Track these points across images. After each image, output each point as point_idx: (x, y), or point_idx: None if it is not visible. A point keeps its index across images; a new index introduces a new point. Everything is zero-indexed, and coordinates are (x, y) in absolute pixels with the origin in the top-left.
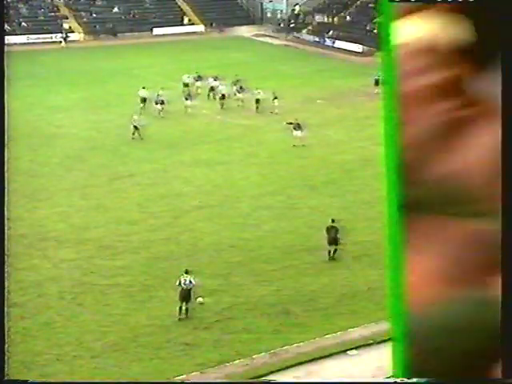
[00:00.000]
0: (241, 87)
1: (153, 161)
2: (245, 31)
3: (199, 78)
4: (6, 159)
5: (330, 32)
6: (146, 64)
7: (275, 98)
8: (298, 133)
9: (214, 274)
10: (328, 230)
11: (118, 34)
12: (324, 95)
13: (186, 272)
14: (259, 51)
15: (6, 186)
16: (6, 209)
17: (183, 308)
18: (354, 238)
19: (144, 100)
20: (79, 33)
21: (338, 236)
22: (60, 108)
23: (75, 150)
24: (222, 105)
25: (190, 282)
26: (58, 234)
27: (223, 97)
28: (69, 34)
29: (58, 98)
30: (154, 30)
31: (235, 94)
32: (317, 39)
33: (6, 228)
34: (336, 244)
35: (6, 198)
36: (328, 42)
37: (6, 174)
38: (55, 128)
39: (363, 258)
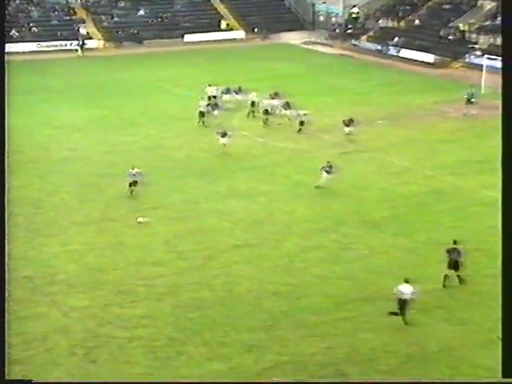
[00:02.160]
0: (287, 103)
1: (182, 191)
2: (293, 38)
3: (227, 91)
4: (6, 188)
5: (395, 39)
6: (175, 76)
7: (350, 121)
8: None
9: (254, 326)
10: (449, 252)
11: (144, 41)
12: (386, 114)
13: None
14: (309, 62)
15: (6, 218)
16: (6, 245)
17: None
18: (423, 287)
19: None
20: (98, 39)
21: (461, 260)
22: (74, 127)
23: (90, 178)
24: (266, 121)
25: None
26: (68, 276)
27: (266, 112)
28: (86, 41)
29: (71, 116)
30: (186, 36)
31: (280, 111)
32: (379, 47)
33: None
34: (457, 269)
35: (6, 233)
36: (392, 50)
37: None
38: (67, 151)
39: (435, 311)
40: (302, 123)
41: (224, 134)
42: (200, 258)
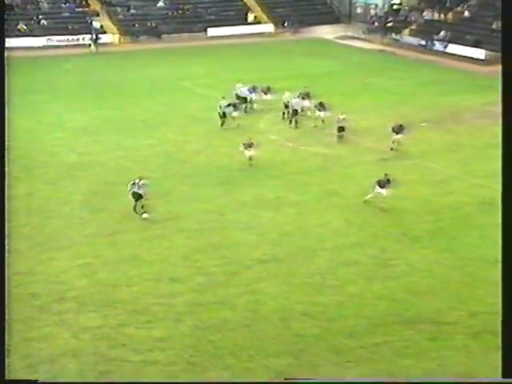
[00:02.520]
0: (321, 104)
1: (203, 200)
2: (327, 32)
3: (253, 90)
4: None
5: (441, 33)
6: (196, 74)
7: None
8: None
9: (281, 350)
10: None
11: (163, 36)
12: (430, 116)
13: None
14: (345, 58)
15: (5, 230)
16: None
17: None
18: (471, 309)
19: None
20: (113, 33)
21: None
22: (86, 130)
23: (104, 185)
24: (296, 123)
25: None
26: (79, 293)
27: (296, 113)
28: (100, 35)
29: (83, 117)
30: (209, 30)
31: (314, 112)
32: (423, 42)
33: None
34: None
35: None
36: (438, 45)
37: (5, 215)
38: (78, 155)
39: (484, 337)
40: (341, 129)
41: (250, 146)
42: (222, 274)
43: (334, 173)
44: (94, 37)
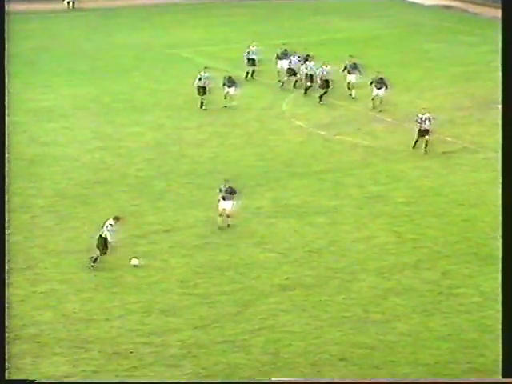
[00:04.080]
0: (381, 80)
1: (206, 206)
2: None
3: (284, 55)
4: None
5: None
6: (199, 40)
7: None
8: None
9: None
10: None
11: None
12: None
13: None
14: (397, 17)
15: None
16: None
17: None
18: None
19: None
20: None
21: None
22: (51, 113)
23: (75, 186)
24: (321, 97)
25: None
26: (40, 330)
27: (327, 84)
28: None
29: (50, 96)
30: None
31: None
32: None
33: None
34: None
35: None
36: None
37: None
38: (42, 147)
39: None
40: (425, 133)
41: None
42: (232, 304)
43: (380, 171)
44: None
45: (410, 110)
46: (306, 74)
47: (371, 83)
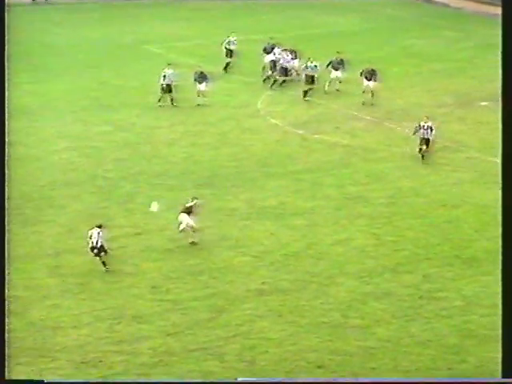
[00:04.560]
0: (373, 71)
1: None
2: None
3: (270, 49)
4: None
5: None
6: (171, 34)
7: None
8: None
9: None
10: None
11: None
12: (493, 93)
13: None
14: (376, 13)
15: None
16: None
17: None
18: None
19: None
20: None
21: None
22: (15, 111)
23: (40, 189)
24: (305, 93)
25: None
26: (6, 338)
27: (312, 80)
28: None
29: (11, 93)
30: None
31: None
32: None
33: None
34: None
35: None
36: None
37: None
38: (6, 146)
39: None
40: (426, 142)
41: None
42: (205, 310)
43: (359, 171)
44: None
45: (390, 108)
46: (281, 66)
47: (361, 74)
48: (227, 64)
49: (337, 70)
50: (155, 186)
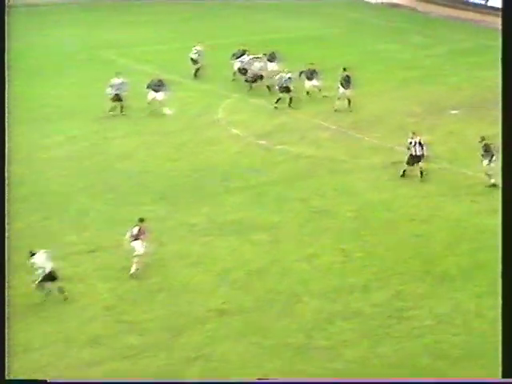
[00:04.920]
0: (348, 78)
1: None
2: None
3: (240, 54)
4: None
5: None
6: (125, 40)
7: None
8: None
9: None
10: None
11: None
12: (463, 101)
13: None
14: (340, 16)
15: None
16: None
17: None
18: None
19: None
20: None
21: None
22: None
23: None
24: (277, 100)
25: None
26: None
27: (287, 90)
28: None
29: None
30: None
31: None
32: None
33: None
34: None
35: None
36: None
37: None
38: None
39: None
40: (418, 159)
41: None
42: (164, 331)
43: (325, 183)
44: None
45: (358, 117)
46: (252, 73)
47: (340, 82)
48: (197, 70)
49: (310, 79)
50: (108, 200)
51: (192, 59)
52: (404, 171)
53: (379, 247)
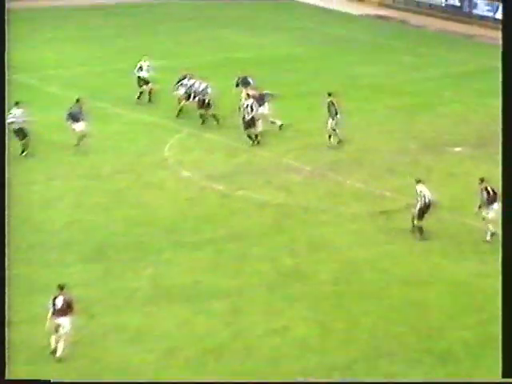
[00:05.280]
0: (332, 103)
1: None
2: None
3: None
4: None
5: None
6: (48, 60)
7: None
8: None
9: None
10: None
11: None
12: (467, 136)
13: None
14: (317, 31)
15: None
16: None
17: None
18: None
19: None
20: None
21: None
22: None
23: None
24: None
25: None
26: None
27: (250, 124)
28: None
29: None
30: None
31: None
32: (457, 2)
33: None
34: None
35: None
36: (481, 7)
37: None
38: None
39: None
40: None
41: None
42: None
43: (298, 238)
44: None
45: (337, 156)
46: (199, 99)
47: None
48: (140, 93)
49: (260, 105)
50: (27, 261)
51: (139, 78)
52: (413, 225)
53: (365, 318)
